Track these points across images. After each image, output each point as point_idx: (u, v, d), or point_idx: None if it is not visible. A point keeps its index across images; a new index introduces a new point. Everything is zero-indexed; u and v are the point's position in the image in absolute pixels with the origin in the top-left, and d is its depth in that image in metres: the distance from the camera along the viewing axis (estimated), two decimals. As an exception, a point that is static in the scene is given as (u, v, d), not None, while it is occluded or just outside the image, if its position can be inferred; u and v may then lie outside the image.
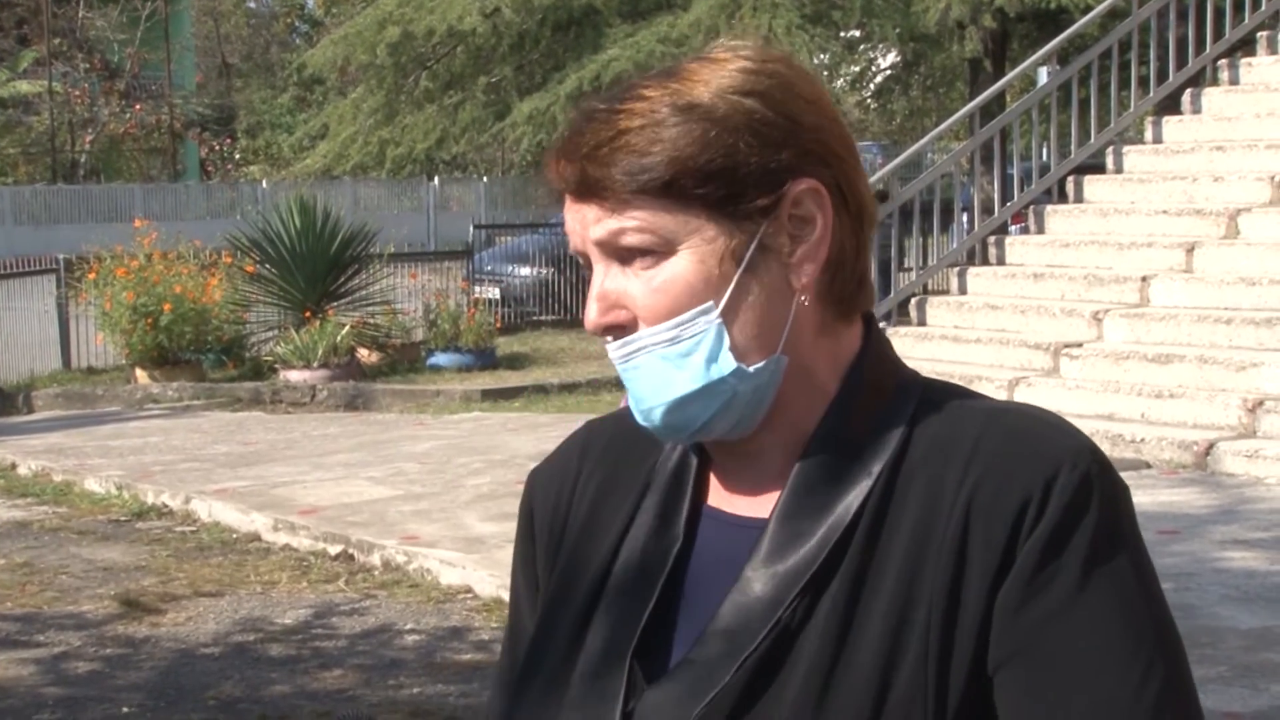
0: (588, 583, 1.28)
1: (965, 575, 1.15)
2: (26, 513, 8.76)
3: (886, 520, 1.18)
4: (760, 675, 1.16)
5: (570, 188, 1.22)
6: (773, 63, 1.22)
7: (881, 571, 1.17)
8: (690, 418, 1.21)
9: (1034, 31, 17.30)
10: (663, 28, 16.67)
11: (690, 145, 1.18)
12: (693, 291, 1.19)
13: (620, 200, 1.18)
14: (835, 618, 1.16)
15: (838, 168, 1.22)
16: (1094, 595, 1.14)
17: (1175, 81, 12.56)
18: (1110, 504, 1.17)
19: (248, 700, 5.38)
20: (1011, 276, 11.38)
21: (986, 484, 1.16)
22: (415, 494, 8.57)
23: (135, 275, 13.36)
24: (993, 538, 1.15)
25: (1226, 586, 6.17)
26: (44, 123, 34.38)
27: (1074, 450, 1.18)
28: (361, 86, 20.91)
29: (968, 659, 1.15)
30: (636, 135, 1.18)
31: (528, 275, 17.42)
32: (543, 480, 1.40)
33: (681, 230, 1.18)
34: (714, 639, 1.19)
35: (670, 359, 1.19)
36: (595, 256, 1.22)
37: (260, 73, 44.73)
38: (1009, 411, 1.23)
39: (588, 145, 1.20)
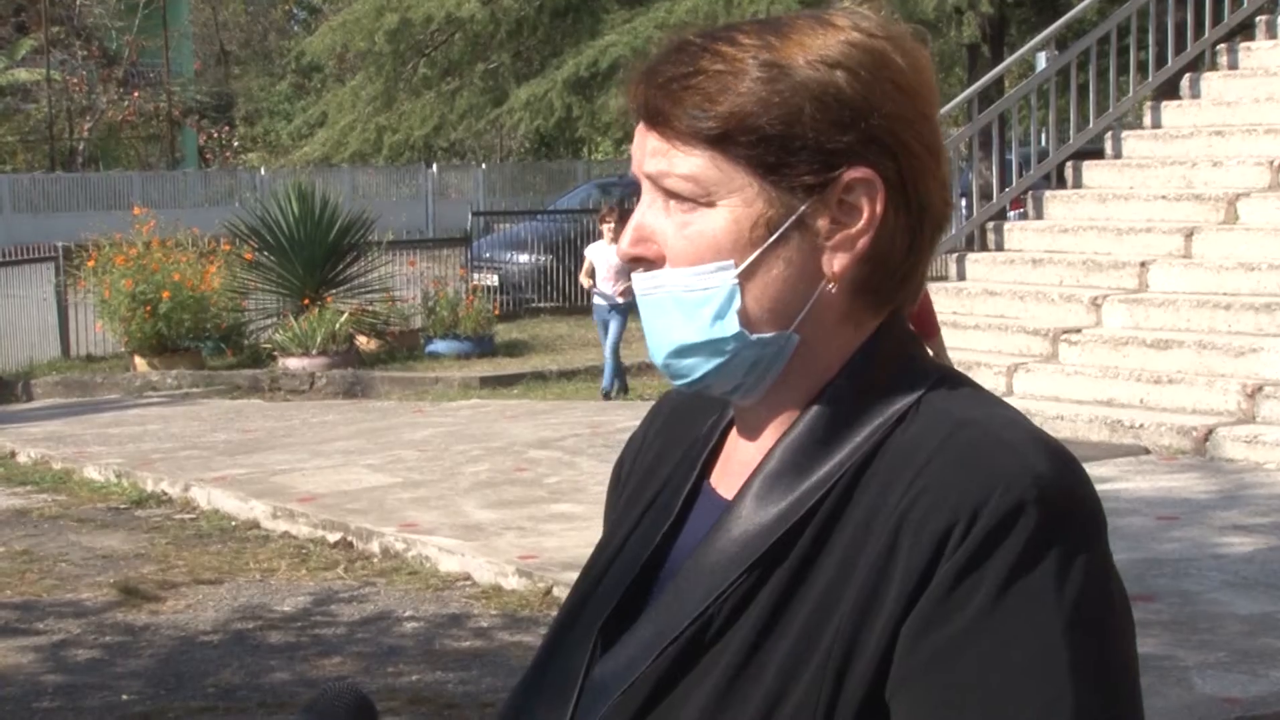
0: (606, 557, 1.30)
1: (881, 591, 1.10)
2: (26, 500, 8.76)
3: (837, 524, 1.14)
4: (679, 664, 1.15)
5: (639, 111, 1.21)
6: (881, 39, 1.18)
7: (815, 577, 1.13)
8: (689, 368, 1.20)
9: (1032, 16, 17.28)
10: (660, 14, 16.65)
11: (754, 104, 1.16)
12: (718, 248, 1.17)
13: (677, 139, 1.18)
14: (760, 617, 1.14)
15: (906, 163, 1.18)
16: (1002, 622, 1.07)
17: (1174, 66, 12.54)
18: (1045, 530, 1.08)
19: (247, 688, 5.38)
20: (1010, 262, 11.37)
21: (922, 501, 1.10)
22: (414, 481, 8.57)
23: (134, 263, 13.36)
24: (914, 557, 1.09)
25: (1226, 572, 6.17)
26: (42, 110, 34.34)
27: (1014, 474, 1.09)
28: (360, 74, 20.91)
29: (867, 678, 1.09)
30: (712, 80, 1.17)
31: (526, 262, 17.41)
32: (629, 446, 1.42)
33: (724, 185, 1.17)
34: (656, 616, 1.19)
35: (681, 305, 1.18)
36: (646, 185, 1.21)
37: (258, 60, 44.66)
38: (975, 424, 1.14)
39: (664, 75, 1.19)
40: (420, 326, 14.39)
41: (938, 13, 16.08)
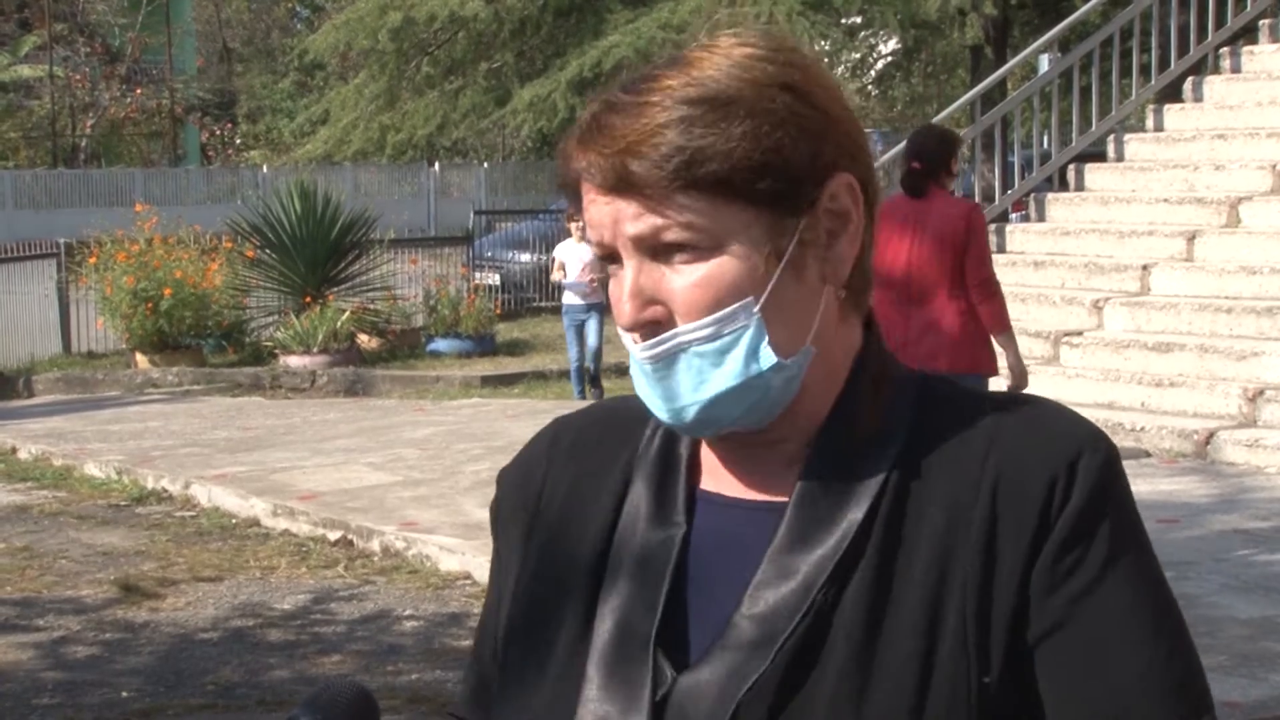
0: (580, 572, 1.26)
1: (997, 556, 1.17)
2: (26, 497, 8.77)
3: (908, 505, 1.19)
4: (798, 660, 1.16)
5: (603, 181, 1.18)
6: (790, 51, 1.21)
7: (910, 556, 1.18)
8: (723, 414, 1.20)
9: (1035, 18, 17.27)
10: (663, 14, 16.65)
11: (741, 142, 1.16)
12: (736, 287, 1.17)
13: (664, 196, 1.16)
14: (867, 602, 1.17)
15: (862, 161, 1.23)
16: (1121, 574, 1.18)
17: (1177, 69, 12.54)
18: (1127, 487, 1.22)
19: (246, 685, 5.38)
20: (1012, 264, 11.37)
21: (1010, 467, 1.19)
22: (414, 480, 8.57)
23: (136, 260, 13.36)
24: (1023, 518, 1.17)
25: (1226, 576, 6.17)
26: (45, 107, 34.35)
27: (1093, 434, 1.21)
28: (363, 72, 20.90)
29: (1004, 636, 1.16)
30: (678, 130, 1.16)
31: (528, 261, 17.42)
32: (511, 478, 1.39)
33: (727, 226, 1.16)
34: (746, 624, 1.18)
35: (707, 355, 1.18)
36: (628, 252, 1.18)
37: (261, 57, 44.67)
38: (1017, 400, 1.26)
39: (624, 138, 1.17)
40: (421, 325, 14.39)
41: (941, 14, 16.07)
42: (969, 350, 6.14)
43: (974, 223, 6.24)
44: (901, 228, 6.18)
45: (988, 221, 12.04)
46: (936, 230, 6.15)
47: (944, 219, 6.17)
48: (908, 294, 6.16)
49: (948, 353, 6.06)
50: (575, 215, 11.89)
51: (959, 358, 6.07)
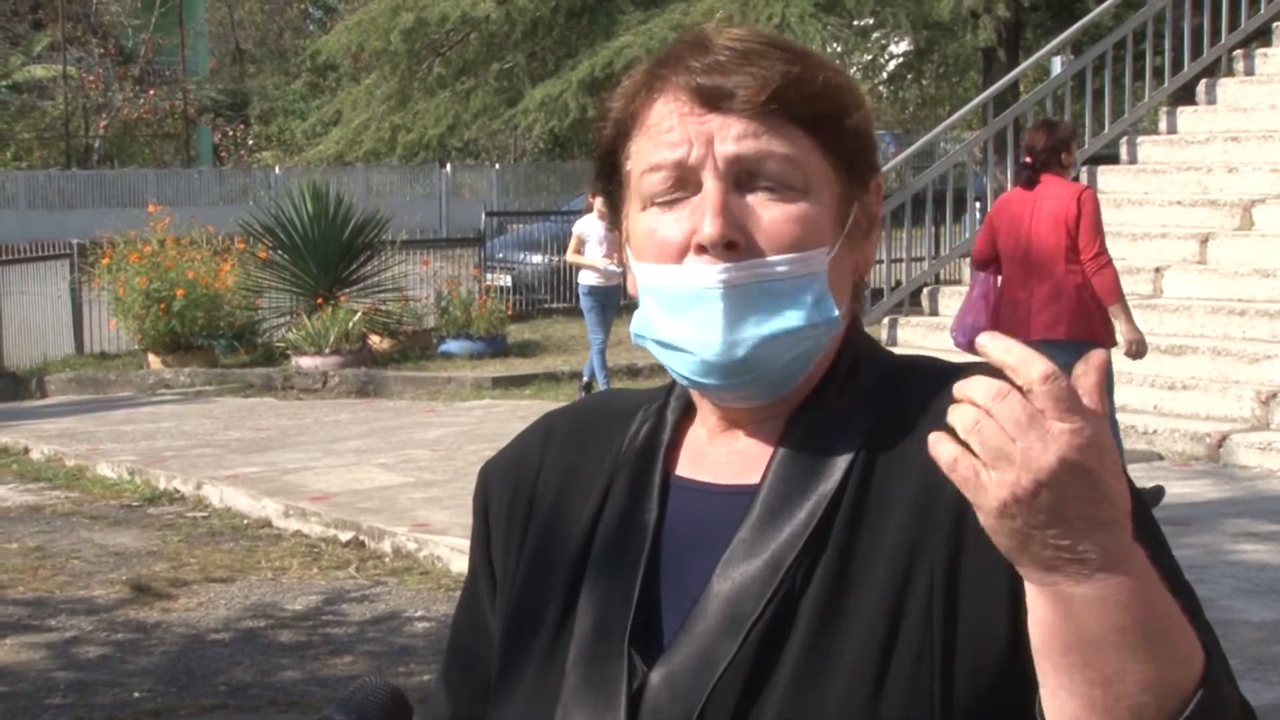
0: (565, 569, 1.26)
1: (967, 530, 1.10)
2: (39, 497, 8.79)
3: (878, 482, 1.18)
4: (766, 646, 1.14)
5: (708, 95, 1.17)
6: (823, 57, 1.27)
7: (876, 532, 1.16)
8: (774, 356, 1.18)
9: (1048, 21, 17.24)
10: (676, 15, 16.64)
11: (839, 91, 1.21)
12: (820, 232, 1.19)
13: (772, 123, 1.17)
14: (832, 580, 1.15)
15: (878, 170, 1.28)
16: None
17: (1190, 72, 12.52)
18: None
19: (258, 686, 5.39)
20: (1024, 266, 11.34)
21: None
22: (426, 481, 8.57)
23: (148, 260, 13.39)
24: None
25: (1239, 579, 6.16)
26: (58, 108, 34.43)
27: None
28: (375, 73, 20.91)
29: (978, 606, 1.12)
30: (799, 65, 1.19)
31: (540, 263, 17.42)
32: (498, 473, 1.37)
33: (821, 175, 1.20)
34: (714, 605, 1.17)
35: (778, 293, 1.17)
36: (715, 173, 1.17)
37: (274, 58, 44.74)
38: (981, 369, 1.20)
39: (735, 53, 1.18)
40: (433, 326, 14.40)
41: (953, 16, 16.04)
42: (1086, 320, 6.73)
43: (1084, 202, 6.84)
44: (1019, 214, 6.93)
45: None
46: (1050, 212, 6.82)
47: (1057, 201, 6.82)
48: (1028, 271, 6.84)
49: (1067, 322, 6.69)
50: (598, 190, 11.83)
51: (1077, 327, 6.68)
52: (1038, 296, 6.78)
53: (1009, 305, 6.89)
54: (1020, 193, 7.06)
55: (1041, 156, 6.92)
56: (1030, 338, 6.66)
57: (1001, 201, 7.37)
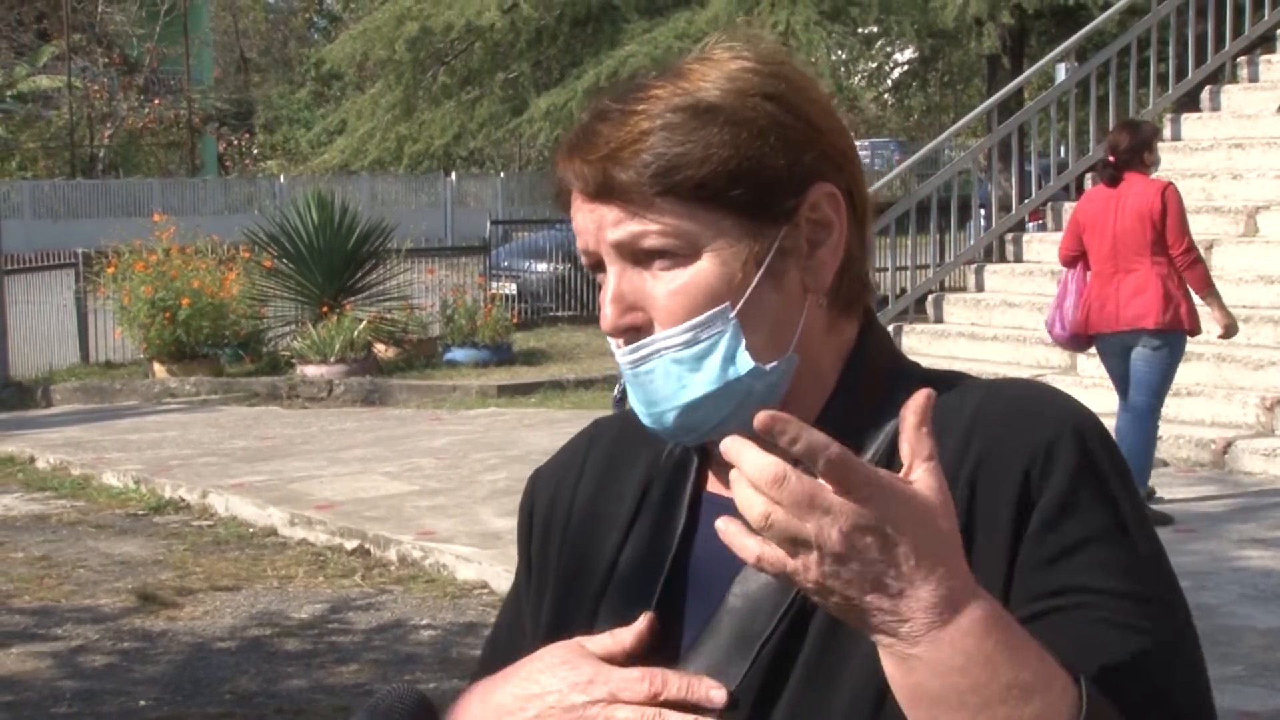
0: (595, 579, 1.28)
1: (974, 544, 1.13)
2: (45, 506, 8.80)
3: None
4: (778, 662, 1.16)
5: (587, 188, 1.20)
6: (778, 64, 1.23)
7: None
8: (703, 418, 1.20)
9: (1052, 28, 17.24)
10: (680, 24, 16.66)
11: (719, 148, 1.17)
12: (713, 294, 1.18)
13: (644, 202, 1.18)
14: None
15: (848, 171, 1.24)
16: (1109, 554, 1.15)
17: (1194, 79, 12.52)
18: (1114, 464, 1.19)
19: (263, 694, 5.39)
20: (1029, 274, 11.35)
21: (989, 454, 1.17)
22: (431, 489, 8.58)
23: (153, 270, 13.40)
24: (1000, 505, 1.15)
25: (1244, 585, 6.15)
26: (63, 117, 34.48)
27: (1073, 414, 1.19)
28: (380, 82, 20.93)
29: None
30: (659, 137, 1.18)
31: (545, 271, 17.44)
32: (544, 479, 1.41)
33: (706, 233, 1.18)
34: (726, 626, 1.18)
35: (685, 361, 1.19)
36: (610, 258, 1.21)
37: (278, 68, 44.82)
38: (1007, 384, 1.23)
39: (608, 145, 1.19)
40: (438, 335, 14.40)
41: (958, 24, 16.05)
42: (1173, 310, 7.04)
43: (1169, 198, 7.15)
44: (1103, 212, 7.22)
45: (1006, 230, 12.03)
46: (1135, 209, 7.12)
47: (1141, 198, 7.12)
48: (1115, 265, 7.12)
49: (1155, 313, 7.00)
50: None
51: (1165, 317, 7.00)
52: (1125, 290, 7.09)
53: (1098, 299, 7.19)
54: (1103, 190, 7.33)
55: (1124, 156, 7.23)
56: (1120, 329, 7.09)
57: (1084, 199, 7.70)
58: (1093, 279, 7.26)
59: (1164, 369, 7.16)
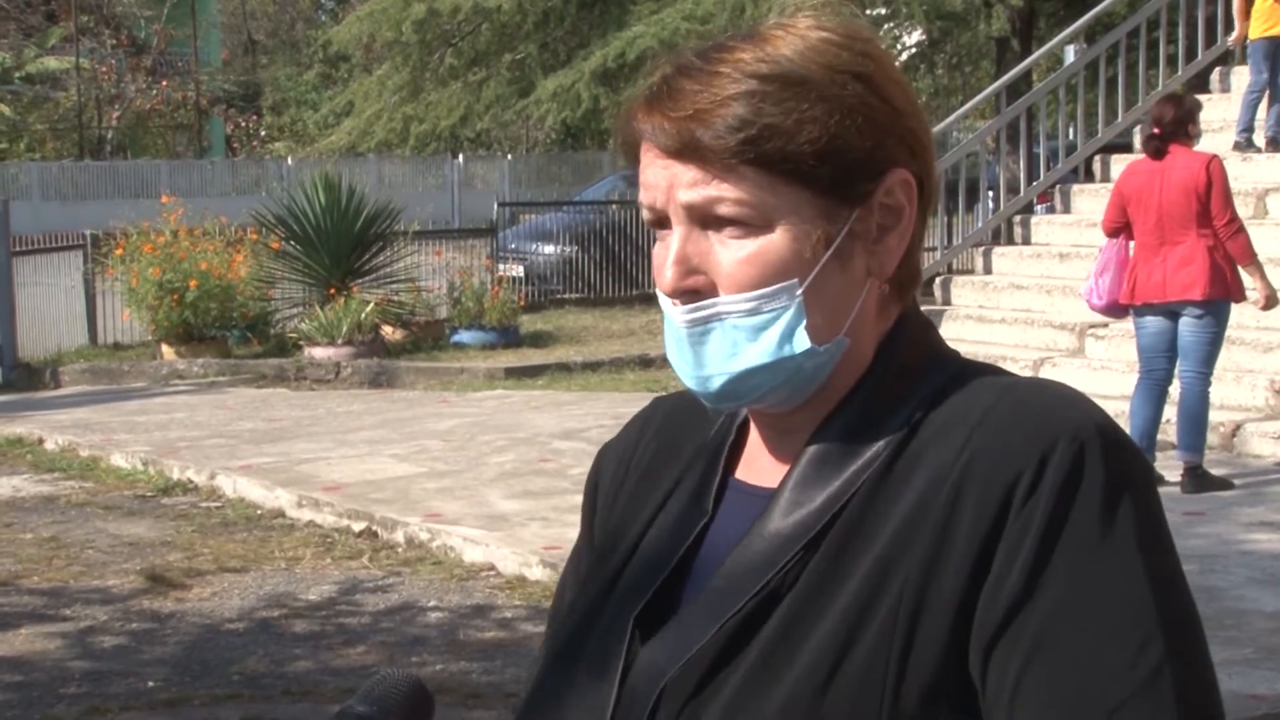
0: (619, 554, 1.30)
1: (949, 542, 1.12)
2: (53, 487, 8.82)
3: (884, 491, 1.17)
4: (740, 635, 1.16)
5: (668, 144, 1.18)
6: (865, 41, 1.21)
7: (871, 540, 1.15)
8: (750, 389, 1.20)
9: (1061, 9, 17.19)
10: (688, 5, 16.62)
11: (811, 124, 1.16)
12: (782, 268, 1.17)
13: (725, 166, 1.16)
14: (816, 580, 1.16)
15: (922, 157, 1.22)
16: (1088, 573, 1.10)
17: (1204, 60, 12.48)
18: (1112, 478, 1.12)
19: (271, 675, 5.41)
20: (1037, 256, 11.33)
21: (983, 455, 1.14)
22: (439, 471, 8.59)
23: (161, 251, 13.41)
24: (983, 509, 1.12)
25: (1252, 569, 6.15)
26: (71, 99, 34.50)
27: (1076, 423, 1.13)
28: (387, 63, 20.92)
29: (943, 633, 1.11)
30: (748, 103, 1.16)
31: (552, 253, 17.42)
32: (608, 455, 1.42)
33: (781, 207, 1.17)
34: (704, 599, 1.20)
35: (744, 329, 1.18)
36: (678, 218, 1.19)
37: (286, 49, 44.77)
38: (1024, 385, 1.20)
39: (693, 104, 1.16)
40: (445, 317, 14.40)
41: (966, 6, 16.01)
42: (1220, 280, 7.15)
43: (1214, 171, 7.23)
44: (1148, 184, 7.31)
45: (1014, 212, 12.01)
46: (1180, 181, 7.21)
47: (1186, 170, 7.22)
48: (1161, 237, 7.22)
49: (1202, 284, 7.11)
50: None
51: (1213, 288, 7.13)
52: (1172, 261, 7.18)
53: (1145, 270, 7.28)
54: (1147, 163, 7.42)
55: (1169, 128, 7.32)
56: (1168, 299, 7.19)
57: (1128, 172, 7.72)
58: (1138, 250, 7.35)
59: (1211, 337, 7.30)
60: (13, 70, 34.81)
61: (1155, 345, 7.39)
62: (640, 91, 1.22)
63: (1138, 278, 7.29)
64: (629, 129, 1.22)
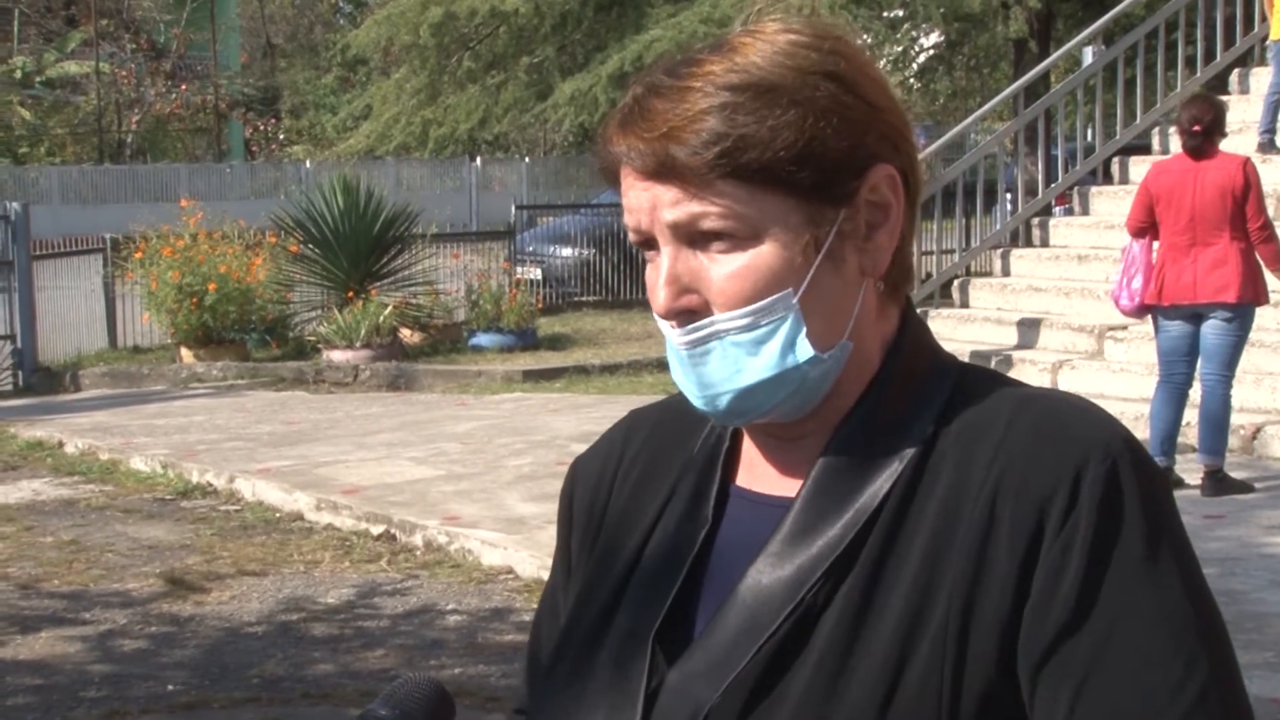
0: (620, 567, 1.28)
1: (989, 559, 1.12)
2: (73, 491, 8.85)
3: (913, 505, 1.16)
4: (779, 658, 1.15)
5: (644, 166, 1.17)
6: (835, 39, 1.20)
7: (905, 556, 1.15)
8: (757, 404, 1.19)
9: (1079, 11, 17.14)
10: (705, 8, 16.63)
11: (784, 131, 1.14)
12: (774, 278, 1.16)
13: (704, 183, 1.15)
14: (854, 603, 1.14)
15: (904, 150, 1.21)
16: (1133, 594, 1.10)
17: (1223, 61, 12.43)
18: (1146, 494, 1.13)
19: (291, 679, 5.42)
20: (1055, 258, 11.30)
21: (1014, 469, 1.13)
22: (457, 474, 8.60)
23: (181, 255, 13.45)
24: (1019, 525, 1.12)
25: (1273, 572, 6.12)
26: (91, 103, 34.64)
27: (1105, 438, 1.14)
28: (404, 67, 20.96)
29: (992, 651, 1.11)
30: (721, 116, 1.14)
31: (569, 256, 17.44)
32: (584, 468, 1.40)
33: (767, 216, 1.15)
34: (732, 618, 1.17)
35: (744, 345, 1.17)
36: (664, 238, 1.18)
37: (304, 53, 44.89)
38: (1042, 397, 1.19)
39: (666, 123, 1.15)
40: (463, 320, 14.43)
41: (984, 7, 15.98)
42: (1251, 283, 7.14)
43: (1249, 174, 7.24)
44: (1180, 184, 7.26)
45: (1033, 214, 11.98)
46: (1216, 183, 7.18)
47: (1222, 172, 7.20)
48: (1193, 238, 7.17)
49: (1235, 287, 7.09)
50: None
51: (1244, 291, 7.11)
52: (1203, 263, 7.13)
53: (1174, 271, 7.23)
54: (1179, 162, 7.39)
55: (1210, 126, 7.30)
56: (1199, 301, 7.14)
57: (1157, 170, 7.63)
58: (1166, 250, 7.28)
59: (1236, 341, 7.27)
60: (33, 74, 34.98)
61: (1177, 349, 7.34)
62: (614, 115, 1.21)
63: (1165, 278, 7.20)
64: (607, 153, 1.21)
